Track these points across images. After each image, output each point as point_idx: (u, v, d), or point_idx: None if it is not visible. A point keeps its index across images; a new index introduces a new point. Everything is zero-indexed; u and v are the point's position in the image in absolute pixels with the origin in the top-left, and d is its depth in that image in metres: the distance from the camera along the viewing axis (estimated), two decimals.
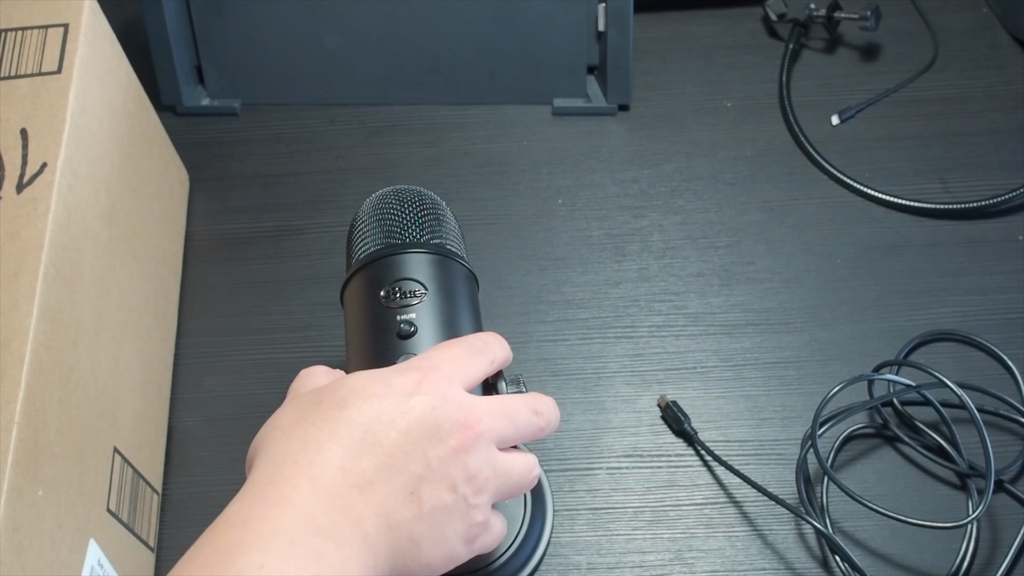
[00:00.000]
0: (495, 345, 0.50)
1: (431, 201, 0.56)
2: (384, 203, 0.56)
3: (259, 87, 0.81)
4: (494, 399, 0.47)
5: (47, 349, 0.50)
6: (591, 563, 0.62)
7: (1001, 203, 0.72)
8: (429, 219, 0.55)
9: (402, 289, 0.51)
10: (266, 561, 0.39)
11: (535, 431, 0.48)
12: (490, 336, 0.51)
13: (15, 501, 0.46)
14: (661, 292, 0.71)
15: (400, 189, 0.57)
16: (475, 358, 0.48)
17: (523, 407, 0.48)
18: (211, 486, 0.65)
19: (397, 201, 0.55)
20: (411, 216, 0.55)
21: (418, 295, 0.51)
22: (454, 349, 0.48)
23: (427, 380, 0.44)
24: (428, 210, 0.55)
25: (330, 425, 0.43)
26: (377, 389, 0.44)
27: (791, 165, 0.77)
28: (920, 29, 0.83)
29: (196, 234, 0.76)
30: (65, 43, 0.59)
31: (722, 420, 0.66)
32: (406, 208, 0.55)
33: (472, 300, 0.54)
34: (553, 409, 0.49)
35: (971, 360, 0.67)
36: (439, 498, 0.43)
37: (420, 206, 0.55)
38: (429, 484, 0.43)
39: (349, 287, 0.54)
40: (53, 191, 0.53)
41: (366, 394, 0.43)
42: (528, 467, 0.48)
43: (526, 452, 0.49)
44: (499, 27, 0.77)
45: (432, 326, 0.51)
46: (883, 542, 0.61)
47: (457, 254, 0.55)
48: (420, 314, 0.51)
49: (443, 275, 0.53)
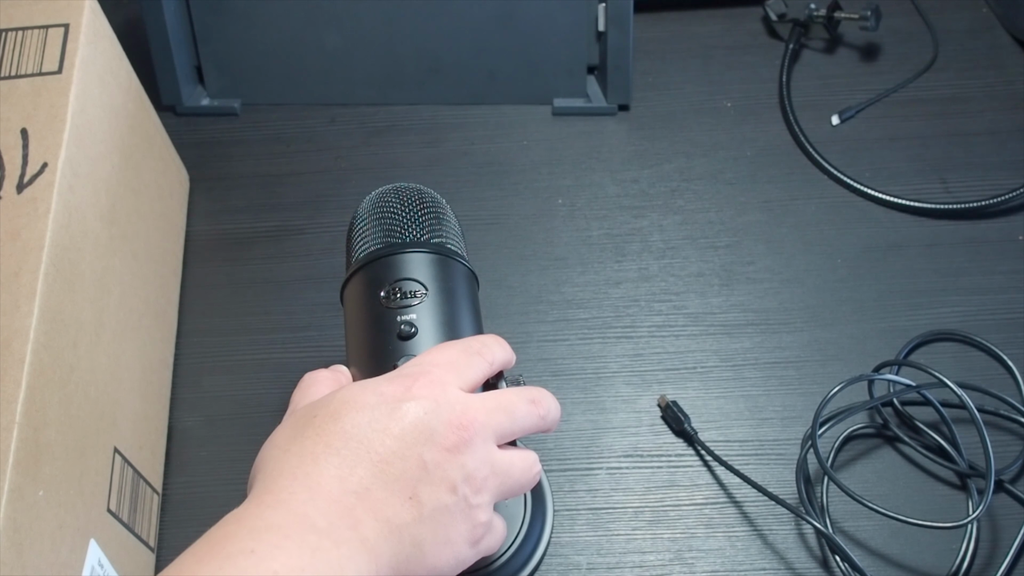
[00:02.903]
0: (494, 346, 0.50)
1: (431, 199, 0.56)
2: (384, 201, 0.56)
3: (259, 87, 0.81)
4: (488, 395, 0.47)
5: (47, 349, 0.50)
6: (591, 563, 0.62)
7: (1001, 203, 0.72)
8: (429, 217, 0.55)
9: (402, 289, 0.51)
10: (257, 548, 0.39)
11: (535, 421, 0.48)
12: (489, 338, 0.51)
13: (16, 501, 0.46)
14: (661, 292, 0.71)
15: (400, 187, 0.57)
16: (472, 359, 0.48)
17: (519, 399, 0.47)
18: (211, 486, 0.65)
19: (397, 199, 0.55)
20: (411, 215, 0.55)
21: (418, 295, 0.51)
22: (449, 351, 0.48)
23: (418, 384, 0.45)
24: (428, 208, 0.55)
25: (325, 438, 0.43)
26: (369, 399, 0.44)
27: (791, 165, 0.77)
28: (920, 29, 0.83)
29: (196, 234, 0.76)
30: (66, 43, 0.59)
31: (722, 420, 0.66)
32: (406, 206, 0.55)
33: (472, 299, 0.54)
34: (550, 398, 0.49)
35: (971, 360, 0.67)
36: (439, 500, 0.43)
37: (420, 204, 0.55)
38: (427, 486, 0.43)
39: (349, 286, 0.54)
40: (54, 191, 0.53)
41: (358, 404, 0.44)
42: (528, 464, 0.47)
43: (526, 449, 0.49)
44: (499, 27, 0.77)
45: (432, 326, 0.51)
46: (883, 542, 0.61)
47: (457, 253, 0.55)
48: (420, 314, 0.51)
49: (443, 275, 0.53)
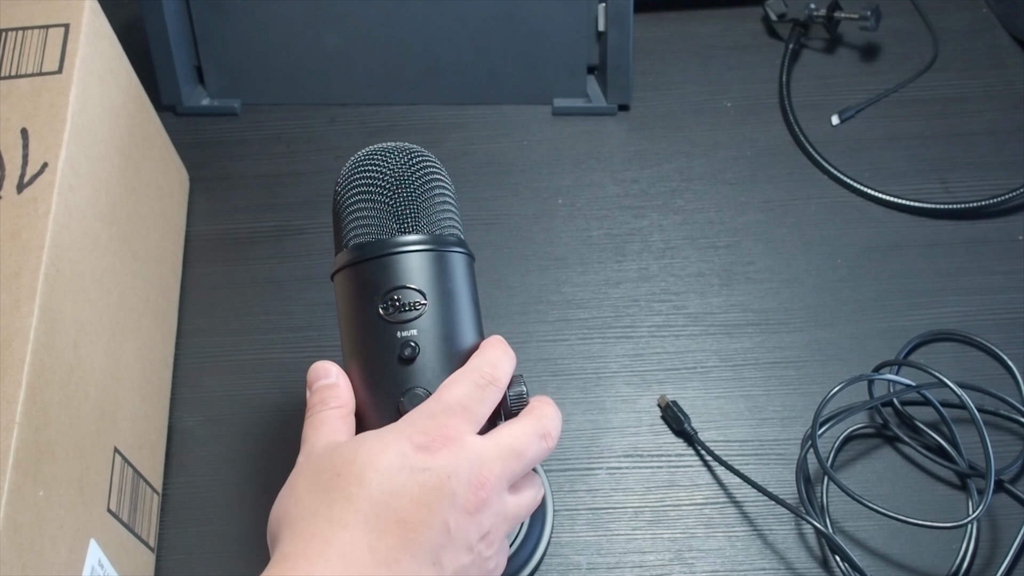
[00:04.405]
0: (502, 365, 0.50)
1: (421, 164, 0.53)
2: (374, 171, 0.53)
3: (259, 87, 0.81)
4: (503, 439, 0.48)
5: (48, 349, 0.50)
6: (591, 563, 0.62)
7: (1001, 203, 0.72)
8: (424, 192, 0.53)
9: (401, 301, 0.50)
10: None
11: (544, 454, 0.50)
12: (494, 353, 0.51)
13: (16, 501, 0.46)
14: (661, 292, 0.71)
15: (388, 153, 0.53)
16: (484, 393, 0.49)
17: (531, 439, 0.49)
18: (211, 486, 0.65)
19: (388, 169, 0.52)
20: (405, 191, 0.52)
21: (418, 307, 0.51)
22: (460, 388, 0.49)
23: (437, 444, 0.46)
24: (421, 178, 0.53)
25: (353, 504, 0.44)
26: (392, 460, 0.45)
27: (791, 165, 0.77)
28: (920, 29, 0.83)
29: (196, 234, 0.76)
30: (66, 43, 0.59)
31: (722, 420, 0.66)
32: (398, 179, 0.52)
33: (471, 293, 0.53)
34: (557, 422, 0.51)
35: (971, 360, 0.67)
36: (458, 561, 0.46)
37: (412, 174, 0.53)
38: (449, 551, 0.45)
39: (341, 276, 0.53)
40: (54, 191, 0.53)
41: (382, 468, 0.45)
42: (535, 499, 0.51)
43: (533, 480, 0.51)
44: (499, 27, 0.77)
45: (434, 342, 0.50)
46: (883, 542, 0.61)
47: (453, 240, 0.53)
48: (421, 329, 0.50)
49: (442, 275, 0.52)
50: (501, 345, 0.51)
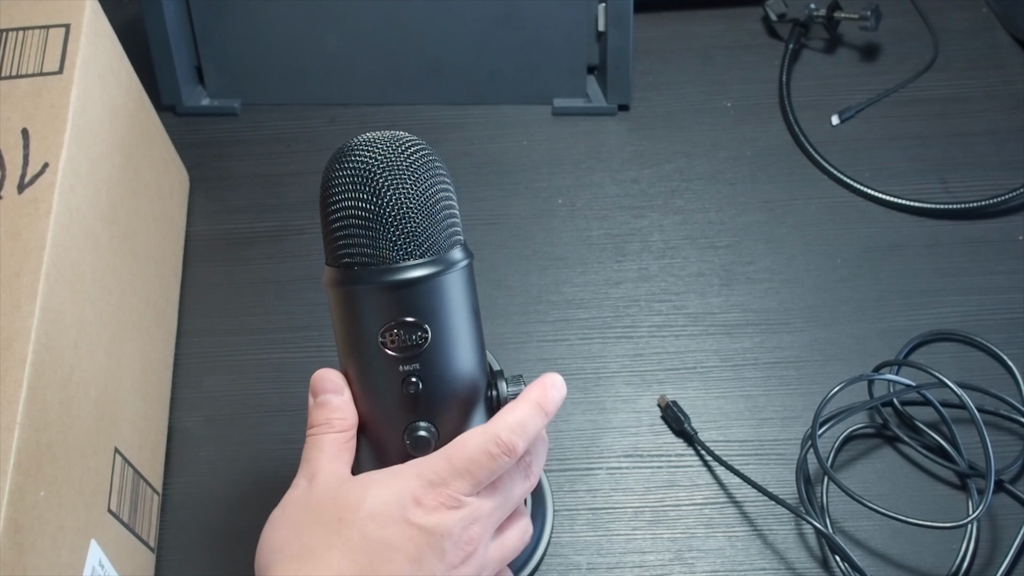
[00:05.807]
0: (527, 428, 0.49)
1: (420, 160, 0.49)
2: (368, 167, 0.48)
3: (259, 87, 0.81)
4: (497, 490, 0.49)
5: (48, 350, 0.50)
6: (591, 563, 0.62)
7: (1001, 203, 0.72)
8: (422, 191, 0.48)
9: (402, 336, 0.47)
10: None
11: (528, 489, 0.51)
12: (524, 413, 0.49)
13: (17, 501, 0.46)
14: (661, 292, 0.71)
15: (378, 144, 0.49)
16: (493, 464, 0.48)
17: (517, 482, 0.50)
18: (211, 486, 0.65)
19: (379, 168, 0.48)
20: (403, 200, 0.47)
21: (421, 340, 0.48)
22: (471, 449, 0.48)
23: (437, 505, 0.47)
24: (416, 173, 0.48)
25: (352, 553, 0.46)
26: (394, 512, 0.47)
27: (791, 165, 0.77)
28: (920, 29, 0.83)
29: (196, 234, 0.76)
30: (66, 43, 0.59)
31: (722, 420, 0.66)
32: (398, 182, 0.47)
33: (473, 309, 0.50)
34: (542, 452, 0.52)
35: (971, 360, 0.67)
36: None
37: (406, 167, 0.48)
38: None
39: (337, 294, 0.49)
40: (55, 191, 0.53)
41: (383, 518, 0.47)
42: (521, 541, 0.52)
43: (518, 520, 0.52)
44: (499, 27, 0.77)
45: (437, 372, 0.48)
46: (883, 542, 0.61)
47: (455, 252, 0.48)
48: (424, 361, 0.48)
49: (445, 303, 0.48)
50: (542, 396, 0.50)
